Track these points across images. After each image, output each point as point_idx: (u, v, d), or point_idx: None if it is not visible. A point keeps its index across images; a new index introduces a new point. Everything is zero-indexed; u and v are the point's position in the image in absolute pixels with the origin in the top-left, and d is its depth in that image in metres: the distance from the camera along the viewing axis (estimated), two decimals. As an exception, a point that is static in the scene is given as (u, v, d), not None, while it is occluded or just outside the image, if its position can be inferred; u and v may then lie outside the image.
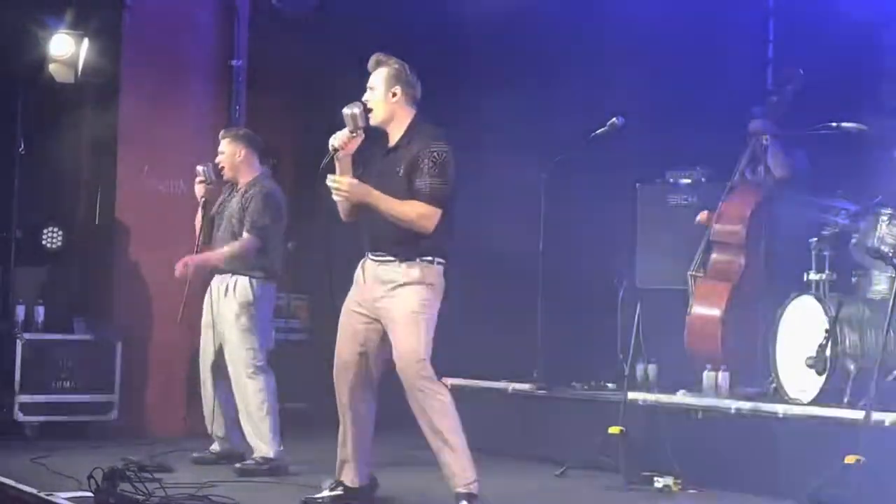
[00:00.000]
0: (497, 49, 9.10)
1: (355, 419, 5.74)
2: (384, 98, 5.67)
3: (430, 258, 5.58)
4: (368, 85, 5.73)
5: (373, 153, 5.74)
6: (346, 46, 9.11)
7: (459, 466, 5.53)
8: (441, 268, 5.62)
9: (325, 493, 5.78)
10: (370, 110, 5.64)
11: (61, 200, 9.18)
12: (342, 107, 5.67)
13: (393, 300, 5.56)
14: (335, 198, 5.55)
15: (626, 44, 8.71)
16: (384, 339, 5.67)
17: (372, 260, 5.67)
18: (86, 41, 8.71)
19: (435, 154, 5.53)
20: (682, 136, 8.39)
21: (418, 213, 5.51)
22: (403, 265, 5.55)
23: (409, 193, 5.53)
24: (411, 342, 5.52)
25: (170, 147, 8.91)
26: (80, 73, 8.75)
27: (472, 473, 5.54)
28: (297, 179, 9.23)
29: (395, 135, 5.69)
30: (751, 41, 8.77)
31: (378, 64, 5.73)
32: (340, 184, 5.49)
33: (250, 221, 7.00)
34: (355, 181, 5.54)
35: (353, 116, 5.59)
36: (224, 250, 7.02)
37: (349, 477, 5.79)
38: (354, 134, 5.61)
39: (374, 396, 5.78)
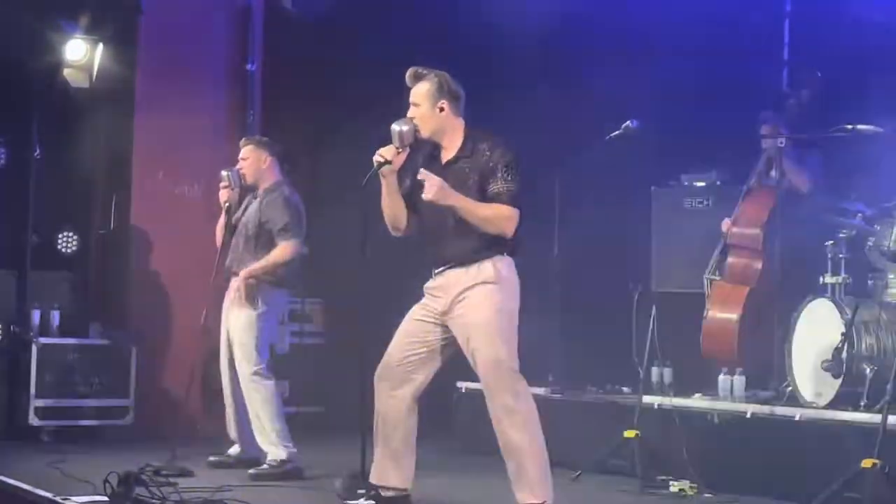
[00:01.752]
0: (512, 51, 9.08)
1: (394, 421, 5.54)
2: (431, 113, 5.51)
3: (499, 253, 5.44)
4: (412, 100, 5.55)
5: (424, 166, 5.55)
6: (360, 49, 9.13)
7: (531, 484, 5.29)
8: (512, 261, 5.48)
9: (362, 501, 5.62)
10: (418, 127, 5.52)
11: (77, 205, 9.21)
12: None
13: (466, 306, 5.38)
14: (425, 197, 5.33)
15: (641, 46, 8.70)
16: (443, 352, 5.51)
17: (437, 273, 5.51)
18: (101, 46, 8.74)
19: (508, 159, 5.45)
20: (697, 138, 8.37)
21: (504, 214, 5.39)
22: (472, 267, 5.40)
23: (483, 201, 5.42)
24: (491, 350, 5.33)
25: (185, 152, 8.94)
26: (95, 78, 8.78)
27: (546, 494, 5.31)
28: (313, 183, 9.23)
29: (450, 146, 5.56)
30: (766, 43, 8.76)
31: (417, 78, 5.56)
32: (431, 181, 5.30)
33: (282, 227, 7.01)
34: (444, 182, 5.34)
35: (401, 134, 5.46)
36: (262, 263, 7.00)
37: (393, 479, 5.58)
38: (400, 150, 5.49)
39: (416, 405, 5.56)
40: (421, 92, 5.54)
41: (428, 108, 5.52)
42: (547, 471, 5.33)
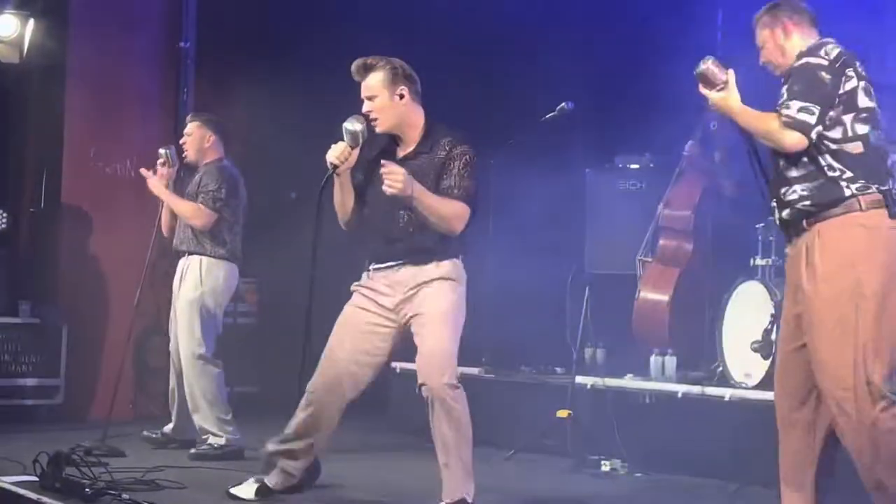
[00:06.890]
0: (446, 33, 9.08)
1: (328, 423, 5.40)
2: (391, 103, 5.20)
3: (457, 254, 5.27)
4: (365, 94, 5.22)
5: (378, 159, 5.20)
6: (296, 28, 9.08)
7: (457, 479, 5.17)
8: (462, 264, 5.32)
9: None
10: (374, 120, 5.21)
11: (6, 183, 9.08)
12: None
13: (423, 297, 5.21)
14: (388, 191, 4.98)
15: (576, 29, 8.72)
16: (390, 342, 5.33)
17: (384, 269, 5.29)
18: (32, 21, 8.64)
19: (467, 157, 5.18)
20: (631, 121, 8.42)
21: (458, 213, 5.15)
22: (431, 264, 5.21)
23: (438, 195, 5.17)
24: (442, 342, 5.18)
25: (117, 130, 8.85)
26: (25, 53, 8.68)
27: (469, 490, 5.18)
28: (246, 163, 9.17)
29: (409, 140, 5.28)
30: (700, 27, 8.81)
31: (369, 69, 5.23)
32: (396, 175, 4.96)
33: (206, 193, 6.90)
34: (407, 173, 5.02)
35: (355, 134, 5.17)
36: (180, 202, 6.92)
37: (279, 479, 5.53)
38: (354, 148, 5.20)
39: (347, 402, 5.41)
40: (376, 83, 5.21)
41: (387, 98, 5.21)
42: (470, 469, 5.23)
